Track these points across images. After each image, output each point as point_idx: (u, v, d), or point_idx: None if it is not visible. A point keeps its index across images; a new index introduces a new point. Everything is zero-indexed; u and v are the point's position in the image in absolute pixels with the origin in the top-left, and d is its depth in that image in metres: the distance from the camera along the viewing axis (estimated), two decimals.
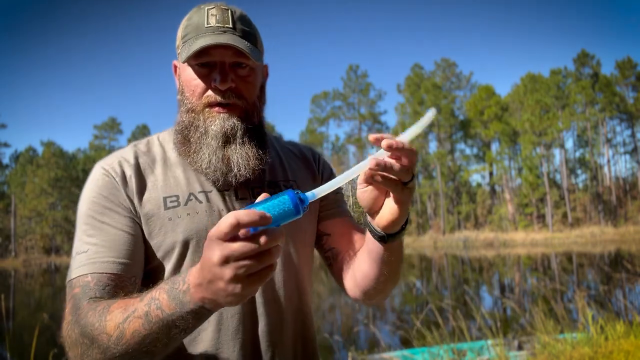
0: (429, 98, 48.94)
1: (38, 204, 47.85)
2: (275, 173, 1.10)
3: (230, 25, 0.97)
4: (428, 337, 4.82)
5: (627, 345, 4.25)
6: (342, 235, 1.14)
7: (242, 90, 0.99)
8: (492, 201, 49.52)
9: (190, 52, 0.94)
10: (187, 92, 1.01)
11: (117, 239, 0.93)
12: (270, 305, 1.01)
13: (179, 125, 1.03)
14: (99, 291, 0.87)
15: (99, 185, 0.98)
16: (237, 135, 0.98)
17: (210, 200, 1.00)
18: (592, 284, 12.90)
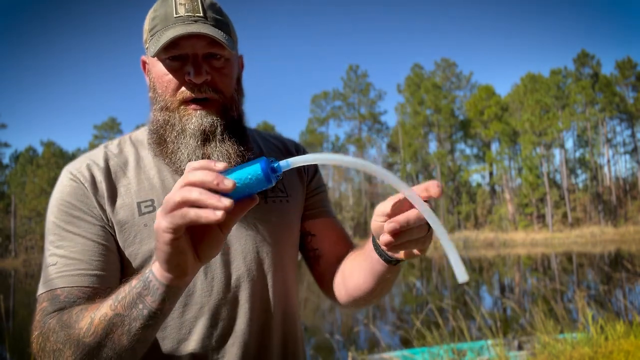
0: (429, 98, 48.95)
1: (38, 204, 47.85)
2: None
3: (201, 14, 0.90)
4: (428, 337, 4.82)
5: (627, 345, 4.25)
6: (326, 236, 1.10)
7: (218, 82, 0.92)
8: (492, 201, 49.52)
9: (160, 45, 0.87)
10: (159, 88, 0.94)
11: (88, 249, 0.87)
12: (258, 305, 0.98)
13: (153, 124, 0.96)
14: (69, 304, 0.82)
15: (67, 192, 0.91)
16: (217, 132, 0.92)
17: None
18: (592, 284, 12.90)
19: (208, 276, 0.93)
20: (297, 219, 1.08)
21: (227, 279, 0.95)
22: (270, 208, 1.02)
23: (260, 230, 0.99)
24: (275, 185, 0.96)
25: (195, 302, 0.92)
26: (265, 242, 0.99)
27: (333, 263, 1.06)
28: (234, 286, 0.95)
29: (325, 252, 1.09)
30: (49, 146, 51.39)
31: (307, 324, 9.57)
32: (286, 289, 1.04)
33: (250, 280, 0.97)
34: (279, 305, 1.01)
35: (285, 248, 1.04)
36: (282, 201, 1.04)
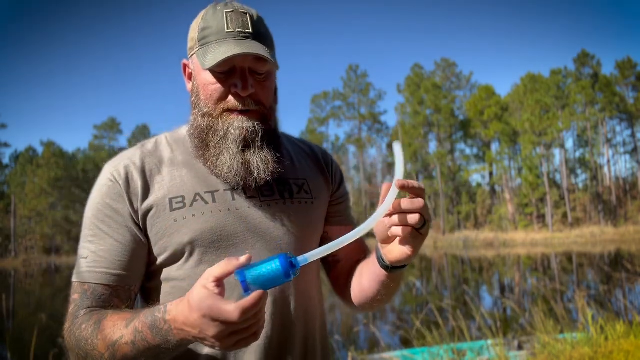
0: (429, 98, 48.94)
1: (38, 204, 47.84)
2: (286, 171, 1.08)
3: (250, 30, 0.97)
4: (428, 337, 4.82)
5: (627, 345, 4.25)
6: (348, 245, 1.14)
7: (261, 96, 0.99)
8: (492, 201, 49.50)
9: (215, 62, 0.93)
10: (204, 95, 1.00)
11: (114, 249, 0.96)
12: (280, 301, 1.00)
13: (195, 129, 1.02)
14: (95, 301, 0.93)
15: (103, 192, 0.99)
16: (256, 140, 0.98)
17: (217, 200, 1.00)
18: (592, 284, 12.90)
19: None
20: (320, 221, 1.13)
21: None
22: (296, 208, 1.06)
23: (285, 229, 1.03)
24: (300, 187, 1.05)
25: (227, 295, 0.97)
26: (289, 240, 1.03)
27: (349, 268, 1.14)
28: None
29: (343, 258, 1.15)
30: (49, 146, 51.36)
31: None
32: (309, 286, 1.07)
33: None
34: (301, 302, 1.04)
35: (307, 248, 1.07)
36: (307, 202, 1.09)
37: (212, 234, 0.97)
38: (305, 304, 1.05)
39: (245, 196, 1.02)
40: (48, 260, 43.72)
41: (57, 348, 3.45)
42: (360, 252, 1.16)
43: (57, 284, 23.82)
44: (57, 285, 23.22)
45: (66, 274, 30.48)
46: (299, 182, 1.10)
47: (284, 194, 1.06)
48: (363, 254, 1.16)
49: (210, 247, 0.97)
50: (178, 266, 0.98)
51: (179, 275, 0.97)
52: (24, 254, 46.83)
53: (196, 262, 0.97)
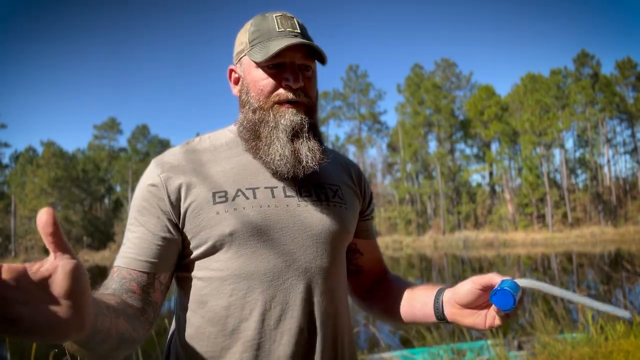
0: (429, 98, 48.95)
1: (38, 204, 47.82)
2: (321, 176, 1.13)
3: (299, 31, 1.06)
4: (428, 337, 4.82)
5: (627, 345, 4.25)
6: (371, 258, 1.26)
7: (309, 89, 1.07)
8: (492, 201, 49.52)
9: (271, 53, 0.99)
10: (254, 91, 1.06)
11: (145, 238, 1.01)
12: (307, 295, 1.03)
13: (247, 123, 1.08)
14: (115, 283, 0.98)
15: (146, 186, 1.05)
16: (304, 130, 1.05)
17: (257, 197, 1.04)
18: (592, 284, 12.90)
19: (270, 263, 1.02)
20: (352, 227, 1.16)
21: (287, 269, 1.03)
22: (332, 210, 1.10)
23: (320, 227, 1.07)
24: (334, 192, 1.14)
25: (256, 286, 1.01)
26: (324, 240, 1.07)
27: (368, 280, 1.25)
28: (292, 275, 1.03)
29: (366, 270, 1.25)
30: (49, 146, 51.37)
31: None
32: (340, 287, 1.11)
33: (307, 272, 1.04)
34: (332, 300, 1.07)
35: (340, 249, 1.12)
36: (341, 207, 1.13)
37: (251, 228, 1.01)
38: (335, 302, 1.08)
39: (285, 195, 1.06)
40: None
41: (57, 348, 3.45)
42: (380, 267, 1.28)
43: None
44: None
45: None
46: (333, 187, 1.15)
47: (321, 196, 1.10)
48: (381, 269, 1.28)
49: (250, 240, 1.01)
50: (215, 258, 1.02)
51: (217, 266, 1.02)
52: (24, 254, 46.82)
53: (235, 254, 1.01)
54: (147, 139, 58.63)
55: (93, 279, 1.06)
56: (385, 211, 51.64)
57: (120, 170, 54.80)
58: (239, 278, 1.00)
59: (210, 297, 1.01)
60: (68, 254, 0.61)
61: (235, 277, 1.00)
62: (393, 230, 49.77)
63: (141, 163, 55.80)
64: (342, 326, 1.09)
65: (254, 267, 1.00)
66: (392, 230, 49.70)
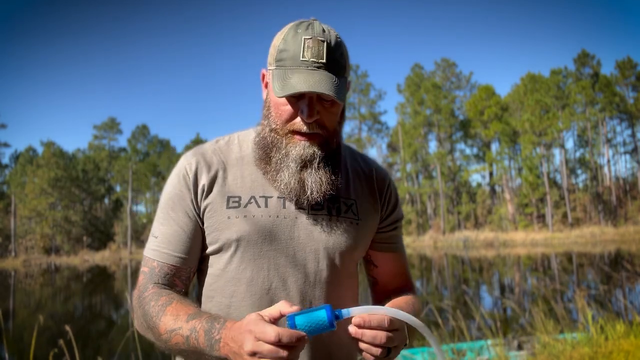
0: (429, 98, 48.93)
1: (38, 204, 47.82)
2: (339, 189, 1.12)
3: (324, 60, 1.01)
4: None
5: (627, 345, 4.25)
6: (387, 270, 1.24)
7: (325, 121, 1.05)
8: (492, 201, 49.50)
9: (284, 94, 1.00)
10: (274, 113, 1.07)
11: (178, 234, 1.08)
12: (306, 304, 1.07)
13: (261, 139, 1.10)
14: (160, 278, 1.07)
15: (175, 183, 1.11)
16: (314, 161, 1.05)
17: (269, 206, 1.08)
18: (592, 284, 12.89)
19: (270, 272, 1.06)
20: (362, 243, 1.16)
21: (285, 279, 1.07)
22: (341, 226, 1.12)
23: (325, 243, 1.09)
24: (348, 207, 1.14)
25: (254, 292, 1.06)
26: (327, 254, 1.10)
27: (385, 292, 1.22)
28: (290, 287, 1.07)
29: (381, 282, 1.24)
30: (49, 146, 51.35)
31: None
32: (343, 300, 1.12)
33: (306, 285, 1.07)
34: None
35: (347, 262, 1.13)
36: (352, 222, 1.13)
37: (258, 236, 1.05)
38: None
39: (296, 207, 1.09)
40: (48, 260, 43.71)
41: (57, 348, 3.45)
42: (400, 280, 1.24)
43: (57, 284, 23.81)
44: (57, 285, 23.22)
45: (66, 274, 30.45)
46: (348, 202, 1.15)
47: (332, 211, 1.11)
48: (402, 283, 1.24)
49: (254, 248, 1.06)
50: (223, 258, 1.07)
51: (223, 267, 1.08)
52: (24, 254, 46.80)
53: (238, 259, 1.06)
54: (147, 139, 58.63)
55: (93, 278, 1.07)
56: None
57: (120, 170, 54.78)
58: (240, 282, 1.06)
59: (216, 293, 1.08)
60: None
61: (236, 280, 1.06)
62: None
63: (141, 163, 55.78)
64: (339, 339, 1.08)
65: (254, 274, 1.05)
66: None
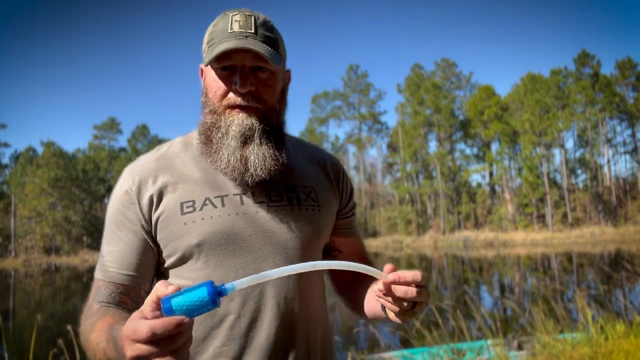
0: (429, 98, 48.92)
1: (38, 204, 47.82)
2: (294, 178, 1.11)
3: (252, 31, 1.00)
4: (428, 337, 4.81)
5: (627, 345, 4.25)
6: (351, 254, 1.24)
7: (262, 93, 1.03)
8: (492, 201, 49.50)
9: (212, 56, 0.98)
10: (210, 94, 1.05)
11: (124, 252, 1.03)
12: (284, 303, 1.03)
13: (202, 126, 1.07)
14: (106, 297, 1.02)
15: (118, 198, 1.06)
16: (255, 136, 1.02)
17: (226, 205, 1.03)
18: (592, 284, 12.90)
19: (239, 272, 1.01)
20: (326, 229, 1.15)
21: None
22: (304, 215, 1.09)
23: (291, 234, 1.06)
24: (307, 195, 1.11)
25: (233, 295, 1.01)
26: (294, 245, 1.06)
27: (349, 275, 1.21)
28: (262, 283, 1.00)
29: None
30: (49, 146, 51.34)
31: None
32: (313, 290, 1.10)
33: (279, 278, 1.02)
34: (304, 305, 1.06)
35: (312, 254, 1.10)
36: (314, 210, 1.11)
37: (220, 237, 1.00)
38: (308, 306, 1.07)
39: (254, 201, 1.05)
40: (48, 260, 43.70)
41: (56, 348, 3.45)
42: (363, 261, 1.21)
43: (57, 284, 23.82)
44: (57, 285, 23.22)
45: (66, 274, 30.48)
46: (306, 189, 1.12)
47: (292, 201, 1.08)
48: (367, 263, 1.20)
49: (218, 250, 1.01)
50: (186, 268, 1.02)
51: (188, 276, 1.02)
52: (24, 254, 46.80)
53: (203, 264, 1.01)
54: (147, 139, 58.60)
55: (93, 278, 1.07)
56: (385, 211, 51.63)
57: (120, 170, 54.45)
58: None
59: None
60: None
61: None
62: (393, 230, 49.76)
63: None
64: (315, 330, 1.08)
65: (222, 276, 1.00)
66: (392, 230, 49.68)
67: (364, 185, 54.46)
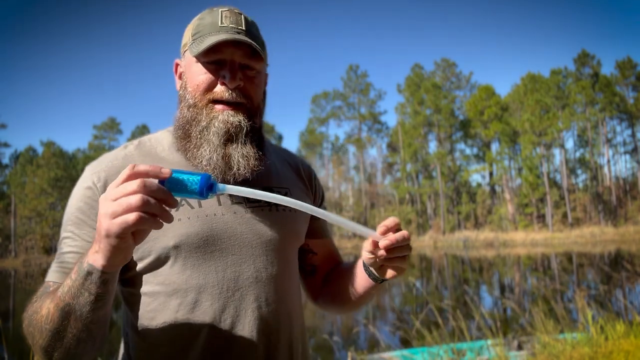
0: (429, 98, 48.93)
1: (38, 204, 47.82)
2: (270, 179, 1.10)
3: (243, 28, 0.99)
4: (428, 337, 4.82)
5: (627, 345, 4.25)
6: (325, 256, 1.23)
7: (249, 90, 1.00)
8: (492, 201, 49.50)
9: (205, 46, 0.95)
10: (191, 87, 1.00)
11: (83, 252, 0.91)
12: (265, 306, 1.00)
13: (179, 120, 1.02)
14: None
15: (79, 196, 0.97)
16: (240, 134, 0.98)
17: (203, 205, 0.99)
18: (592, 284, 12.90)
19: (219, 275, 0.98)
20: (302, 231, 1.14)
21: (236, 279, 0.99)
22: (281, 216, 1.07)
23: (269, 236, 1.04)
24: (284, 195, 1.02)
25: (205, 299, 0.96)
26: (273, 247, 1.04)
27: (323, 276, 1.22)
28: (242, 286, 0.99)
29: (321, 267, 1.22)
30: (49, 146, 51.34)
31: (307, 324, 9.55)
32: (292, 293, 1.08)
33: (258, 282, 1.00)
34: (284, 307, 1.04)
35: (291, 255, 1.09)
36: (290, 211, 1.09)
37: (197, 239, 0.96)
38: (288, 309, 1.05)
39: (232, 202, 1.02)
40: (48, 260, 43.68)
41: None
42: (334, 262, 1.24)
43: None
44: None
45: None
46: (282, 190, 1.10)
47: (269, 202, 1.04)
48: (335, 264, 1.23)
49: (197, 252, 0.96)
50: (162, 271, 0.96)
51: (162, 280, 0.96)
52: (24, 254, 46.80)
53: (181, 267, 0.95)
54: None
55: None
56: (385, 211, 51.61)
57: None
58: (186, 292, 0.95)
59: (157, 312, 0.95)
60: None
61: (182, 291, 0.95)
62: None
63: None
64: (296, 331, 1.07)
65: (201, 280, 0.95)
66: None
67: (364, 185, 54.44)
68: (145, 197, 0.67)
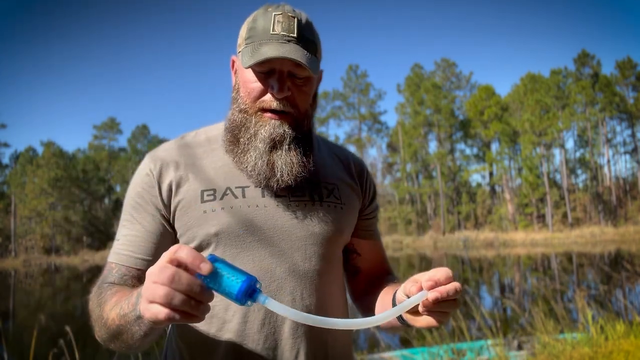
0: (429, 98, 48.93)
1: (38, 204, 47.81)
2: (318, 173, 1.10)
3: (295, 35, 0.98)
4: (428, 337, 4.82)
5: (627, 345, 4.25)
6: (370, 258, 1.21)
7: (297, 99, 1.02)
8: (492, 201, 49.50)
9: (254, 61, 0.96)
10: (243, 92, 1.03)
11: (141, 235, 1.01)
12: (300, 298, 1.01)
13: (230, 122, 1.06)
14: (117, 278, 1.00)
15: (138, 182, 1.05)
16: (285, 142, 1.01)
17: (247, 196, 1.02)
18: (592, 284, 12.90)
19: (255, 265, 1.00)
20: (347, 228, 1.13)
21: (272, 271, 1.00)
22: (325, 211, 1.07)
23: (310, 230, 1.04)
24: (330, 191, 1.10)
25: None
26: (313, 242, 1.04)
27: (366, 281, 1.19)
28: (278, 278, 1.00)
29: (364, 270, 1.20)
30: (49, 146, 51.33)
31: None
32: (332, 291, 1.08)
33: (295, 276, 1.01)
34: (321, 304, 1.04)
35: (333, 251, 1.08)
36: (336, 206, 1.09)
37: (238, 228, 0.99)
38: (325, 307, 1.05)
39: (275, 194, 1.03)
40: (48, 260, 43.68)
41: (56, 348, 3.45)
42: (381, 268, 1.22)
43: (57, 284, 23.82)
44: (57, 285, 23.22)
45: (66, 274, 30.47)
46: (329, 186, 1.11)
47: (314, 196, 1.07)
48: (382, 270, 1.21)
49: (236, 241, 0.99)
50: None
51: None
52: (24, 254, 46.78)
53: (220, 254, 0.98)
54: (147, 139, 58.60)
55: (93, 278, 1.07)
56: (385, 211, 51.62)
57: (120, 170, 54.77)
58: None
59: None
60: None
61: None
62: (393, 230, 49.74)
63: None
64: (334, 332, 1.04)
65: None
66: (392, 230, 49.66)
67: None
68: (171, 293, 0.66)
